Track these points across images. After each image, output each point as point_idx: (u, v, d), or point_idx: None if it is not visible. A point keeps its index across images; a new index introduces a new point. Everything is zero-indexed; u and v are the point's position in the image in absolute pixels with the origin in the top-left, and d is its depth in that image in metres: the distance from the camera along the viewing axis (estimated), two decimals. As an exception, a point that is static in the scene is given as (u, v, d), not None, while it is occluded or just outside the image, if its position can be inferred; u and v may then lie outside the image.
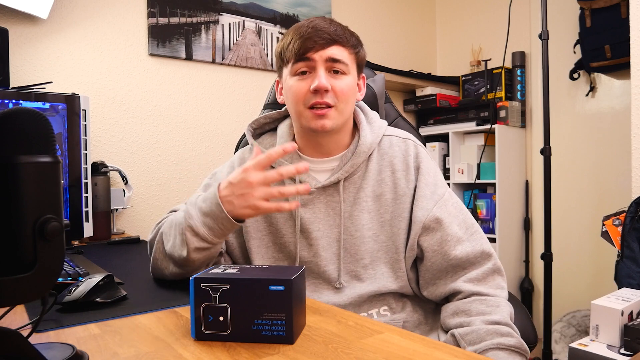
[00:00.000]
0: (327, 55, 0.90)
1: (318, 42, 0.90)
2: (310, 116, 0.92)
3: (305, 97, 0.91)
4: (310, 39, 0.90)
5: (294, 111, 0.95)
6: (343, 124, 0.95)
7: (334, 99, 0.91)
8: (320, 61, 0.90)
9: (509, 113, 2.60)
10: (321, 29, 0.90)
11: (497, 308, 0.85)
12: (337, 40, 0.91)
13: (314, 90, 0.89)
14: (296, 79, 0.92)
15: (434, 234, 0.91)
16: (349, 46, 0.93)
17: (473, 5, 2.96)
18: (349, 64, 0.93)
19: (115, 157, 1.93)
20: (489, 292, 0.88)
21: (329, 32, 0.90)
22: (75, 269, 0.97)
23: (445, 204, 0.93)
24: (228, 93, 2.22)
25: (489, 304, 0.86)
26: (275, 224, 0.97)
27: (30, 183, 0.44)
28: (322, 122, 0.91)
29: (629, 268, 1.43)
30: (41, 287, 0.45)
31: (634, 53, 1.56)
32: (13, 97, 1.29)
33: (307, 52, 0.90)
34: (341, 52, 0.92)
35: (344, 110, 0.93)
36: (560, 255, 2.52)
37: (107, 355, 0.57)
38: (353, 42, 0.94)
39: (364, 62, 0.99)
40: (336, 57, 0.91)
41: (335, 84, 0.91)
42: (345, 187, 0.95)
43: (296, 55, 0.91)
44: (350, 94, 0.93)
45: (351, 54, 0.94)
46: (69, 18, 1.83)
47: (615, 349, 1.19)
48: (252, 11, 2.28)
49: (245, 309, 0.60)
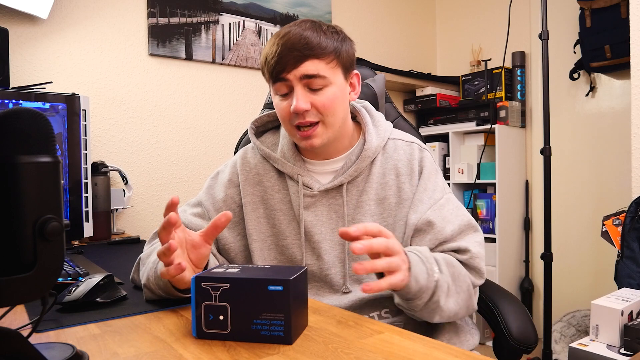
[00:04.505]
0: (301, 73, 0.86)
1: (289, 61, 0.85)
2: (298, 137, 0.90)
3: (289, 117, 0.89)
4: (282, 58, 0.86)
5: (285, 128, 0.94)
6: (336, 134, 0.92)
7: (317, 115, 0.88)
8: (295, 80, 0.87)
9: (509, 113, 2.60)
10: (291, 45, 0.85)
11: (454, 268, 0.84)
12: (309, 54, 0.85)
13: (295, 112, 0.87)
14: (279, 99, 0.91)
15: (424, 235, 0.89)
16: (324, 55, 0.87)
17: (473, 5, 2.96)
18: (327, 75, 0.87)
19: (115, 157, 1.93)
20: (467, 247, 0.88)
21: (299, 47, 0.85)
22: (75, 269, 0.97)
23: (441, 209, 0.91)
24: (228, 93, 2.22)
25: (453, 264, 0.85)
26: (278, 226, 0.96)
27: (30, 183, 0.44)
28: (310, 141, 0.89)
29: (629, 268, 1.43)
30: (41, 287, 0.45)
31: (634, 53, 1.56)
32: (13, 97, 1.29)
33: (281, 73, 0.87)
34: (316, 65, 0.86)
35: (332, 123, 0.90)
36: (560, 255, 2.52)
37: (107, 355, 0.57)
38: (330, 49, 0.87)
39: (352, 59, 0.93)
40: (311, 73, 0.86)
41: (316, 100, 0.87)
42: (349, 190, 0.94)
43: (272, 77, 0.89)
44: (336, 104, 0.89)
45: (330, 62, 0.88)
46: (69, 18, 1.83)
47: (615, 349, 1.19)
48: (252, 11, 2.28)
49: (244, 309, 0.60)
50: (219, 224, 0.73)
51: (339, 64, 0.89)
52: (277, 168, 0.98)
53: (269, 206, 0.97)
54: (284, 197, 0.97)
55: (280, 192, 0.97)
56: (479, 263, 0.89)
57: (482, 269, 0.89)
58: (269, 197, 0.97)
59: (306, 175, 0.95)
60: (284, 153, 0.97)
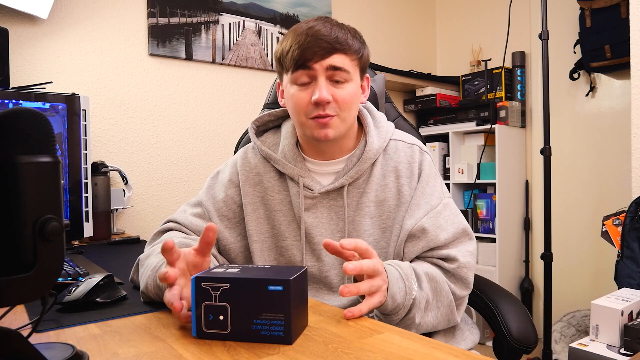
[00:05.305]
0: (328, 64, 0.86)
1: (318, 51, 0.86)
2: (313, 125, 0.89)
3: (307, 108, 0.89)
4: (310, 48, 0.86)
5: (296, 120, 0.93)
6: (347, 130, 0.93)
7: (336, 109, 0.88)
8: (320, 70, 0.87)
9: (509, 113, 2.60)
10: (321, 36, 0.86)
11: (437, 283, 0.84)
12: (339, 48, 0.87)
13: (315, 103, 0.87)
14: (297, 89, 0.90)
15: (417, 242, 0.89)
16: (351, 52, 0.89)
17: (473, 5, 2.96)
18: (350, 71, 0.89)
19: (115, 157, 1.93)
20: (456, 256, 0.87)
21: (329, 40, 0.86)
22: (75, 269, 0.97)
23: (437, 216, 0.90)
24: (228, 93, 2.22)
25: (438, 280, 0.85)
26: (278, 227, 0.96)
27: (30, 183, 0.44)
28: (325, 131, 0.89)
29: (629, 268, 1.43)
30: (41, 287, 0.45)
31: (634, 53, 1.56)
32: (13, 97, 1.29)
33: (307, 62, 0.86)
34: (343, 59, 0.88)
35: (347, 118, 0.91)
36: (560, 255, 2.52)
37: (107, 355, 0.57)
38: (356, 47, 0.90)
39: (367, 63, 0.96)
40: (337, 65, 0.87)
41: (337, 94, 0.88)
42: (349, 192, 0.94)
43: (296, 64, 0.87)
44: (353, 101, 0.90)
45: (354, 60, 0.90)
46: (69, 18, 1.83)
47: (615, 349, 1.19)
48: (252, 11, 2.28)
49: (244, 309, 0.60)
50: (209, 241, 0.70)
51: (359, 64, 0.92)
52: (278, 169, 0.98)
53: (269, 207, 0.97)
54: (284, 197, 0.97)
55: (281, 193, 0.97)
56: (466, 273, 0.88)
57: (469, 279, 0.89)
58: (269, 198, 0.97)
59: (307, 176, 0.95)
60: (284, 154, 0.97)
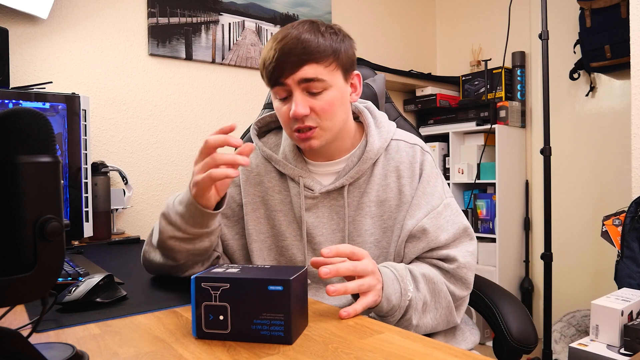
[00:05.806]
0: (299, 77, 0.85)
1: (287, 67, 0.84)
2: (297, 139, 0.90)
3: (289, 121, 0.89)
4: (279, 64, 0.85)
5: (285, 131, 0.95)
6: (335, 136, 0.92)
7: (317, 119, 0.87)
8: (293, 85, 0.86)
9: (509, 113, 2.60)
10: (289, 49, 0.84)
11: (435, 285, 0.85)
12: (307, 58, 0.84)
13: (293, 117, 0.87)
14: (278, 102, 0.90)
15: (417, 242, 0.89)
16: (323, 59, 0.85)
17: (473, 5, 2.97)
18: (326, 78, 0.86)
19: (115, 157, 1.93)
20: (456, 256, 0.88)
21: (297, 52, 0.84)
22: (75, 269, 0.97)
23: (437, 216, 0.90)
24: (228, 93, 2.22)
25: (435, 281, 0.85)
26: (278, 227, 0.96)
27: (30, 183, 0.44)
28: (309, 143, 0.89)
29: (629, 268, 1.43)
30: (41, 287, 0.45)
31: (634, 53, 1.56)
32: (13, 97, 1.29)
33: (279, 78, 0.86)
34: (314, 69, 0.85)
35: (330, 126, 0.89)
36: (560, 255, 2.52)
37: (107, 355, 0.57)
38: (328, 52, 0.86)
39: (351, 59, 0.92)
40: (309, 77, 0.85)
41: (315, 104, 0.86)
42: (350, 192, 0.94)
43: (270, 82, 0.88)
44: (335, 107, 0.88)
45: (329, 65, 0.86)
46: (69, 18, 1.83)
47: (615, 349, 1.19)
48: (252, 11, 2.28)
49: (244, 309, 0.60)
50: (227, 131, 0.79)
51: (338, 66, 0.88)
52: (279, 169, 0.98)
53: (269, 207, 0.97)
54: (284, 198, 0.97)
55: (281, 193, 0.97)
56: (466, 273, 0.88)
57: (469, 279, 0.89)
58: (270, 198, 0.97)
59: (307, 176, 0.95)
60: (285, 154, 0.97)
